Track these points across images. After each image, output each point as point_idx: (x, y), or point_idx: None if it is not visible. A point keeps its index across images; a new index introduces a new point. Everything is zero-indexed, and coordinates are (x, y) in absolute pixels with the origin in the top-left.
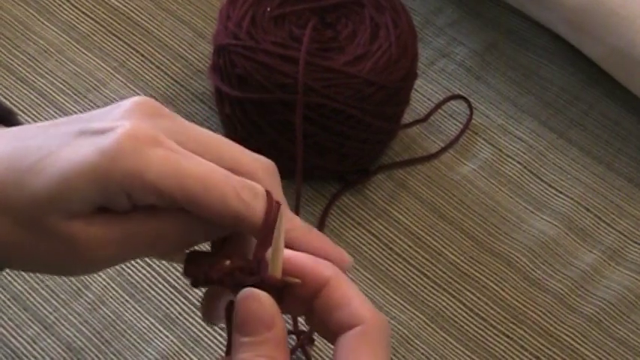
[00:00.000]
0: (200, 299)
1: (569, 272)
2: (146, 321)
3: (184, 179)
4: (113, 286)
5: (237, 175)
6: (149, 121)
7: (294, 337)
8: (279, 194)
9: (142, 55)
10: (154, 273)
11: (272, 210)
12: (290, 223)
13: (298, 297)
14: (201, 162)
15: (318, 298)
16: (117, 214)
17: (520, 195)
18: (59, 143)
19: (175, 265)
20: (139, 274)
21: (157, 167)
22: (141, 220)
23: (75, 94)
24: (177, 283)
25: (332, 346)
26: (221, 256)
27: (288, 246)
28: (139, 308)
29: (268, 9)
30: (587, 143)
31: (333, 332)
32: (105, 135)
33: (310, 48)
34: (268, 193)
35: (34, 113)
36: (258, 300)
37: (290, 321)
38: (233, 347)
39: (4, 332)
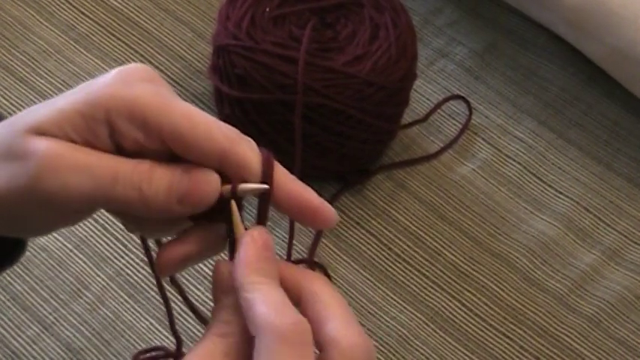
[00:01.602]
0: (196, 303)
1: (569, 272)
2: (145, 321)
3: (172, 113)
4: (112, 286)
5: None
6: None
7: None
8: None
9: (142, 56)
10: (153, 273)
11: (268, 158)
12: (280, 171)
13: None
14: (189, 105)
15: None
16: (87, 148)
17: (519, 195)
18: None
19: None
20: (139, 275)
21: (146, 99)
22: (108, 156)
23: None
24: None
25: None
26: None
27: (276, 194)
28: (139, 309)
29: (267, 9)
30: (587, 143)
31: None
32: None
33: (310, 48)
34: (260, 147)
35: None
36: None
37: None
38: None
39: (4, 333)
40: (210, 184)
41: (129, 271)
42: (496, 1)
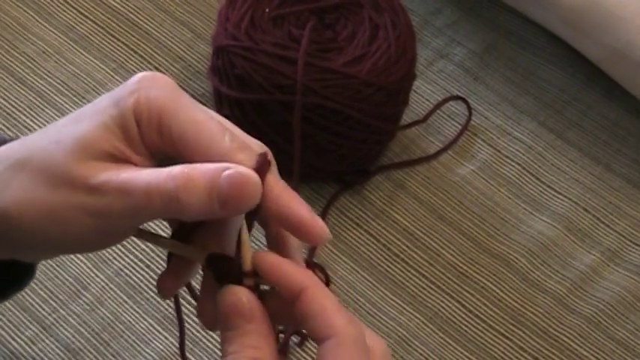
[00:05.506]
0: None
1: (568, 273)
2: (145, 322)
3: (181, 118)
4: (112, 286)
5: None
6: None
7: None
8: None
9: (141, 57)
10: (152, 274)
11: (264, 162)
12: (276, 183)
13: (277, 302)
14: (200, 110)
15: (296, 306)
16: (124, 165)
17: (519, 196)
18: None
19: None
20: (138, 275)
21: (161, 101)
22: (142, 172)
23: (74, 96)
24: None
25: None
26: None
27: (270, 205)
28: (138, 309)
29: (267, 10)
30: (586, 144)
31: (314, 340)
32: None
33: (309, 49)
34: (261, 154)
35: (33, 114)
36: (235, 295)
37: None
38: (222, 343)
39: (3, 333)
40: (253, 184)
41: (128, 272)
42: (495, 1)
